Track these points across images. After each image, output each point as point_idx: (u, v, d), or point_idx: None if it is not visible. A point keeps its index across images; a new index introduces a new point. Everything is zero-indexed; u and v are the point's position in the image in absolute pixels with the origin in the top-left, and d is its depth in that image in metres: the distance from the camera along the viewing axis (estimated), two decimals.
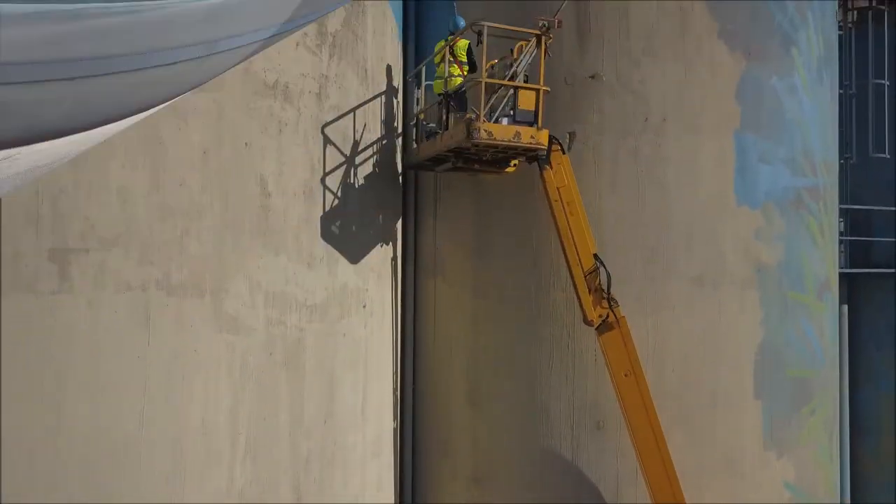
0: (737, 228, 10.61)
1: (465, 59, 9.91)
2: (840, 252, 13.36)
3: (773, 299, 10.79)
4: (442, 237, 11.51)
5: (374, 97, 10.12)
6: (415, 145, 10.94)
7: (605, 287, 9.72)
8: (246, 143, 8.26)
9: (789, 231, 10.99)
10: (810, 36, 11.36)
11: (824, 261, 11.63)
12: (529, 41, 8.65)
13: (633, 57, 10.46)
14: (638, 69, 10.46)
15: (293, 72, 8.70)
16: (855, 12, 14.31)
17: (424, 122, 10.23)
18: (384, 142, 10.46)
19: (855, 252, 14.24)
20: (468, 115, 8.79)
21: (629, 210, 10.47)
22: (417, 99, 10.60)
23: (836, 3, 12.38)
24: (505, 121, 8.57)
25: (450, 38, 10.00)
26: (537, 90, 8.57)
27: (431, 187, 11.40)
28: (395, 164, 10.93)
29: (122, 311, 7.51)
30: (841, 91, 13.42)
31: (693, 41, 10.51)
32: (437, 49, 10.17)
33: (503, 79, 9.62)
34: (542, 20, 8.65)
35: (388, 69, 10.64)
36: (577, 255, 9.73)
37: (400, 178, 11.14)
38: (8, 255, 7.22)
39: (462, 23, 10.05)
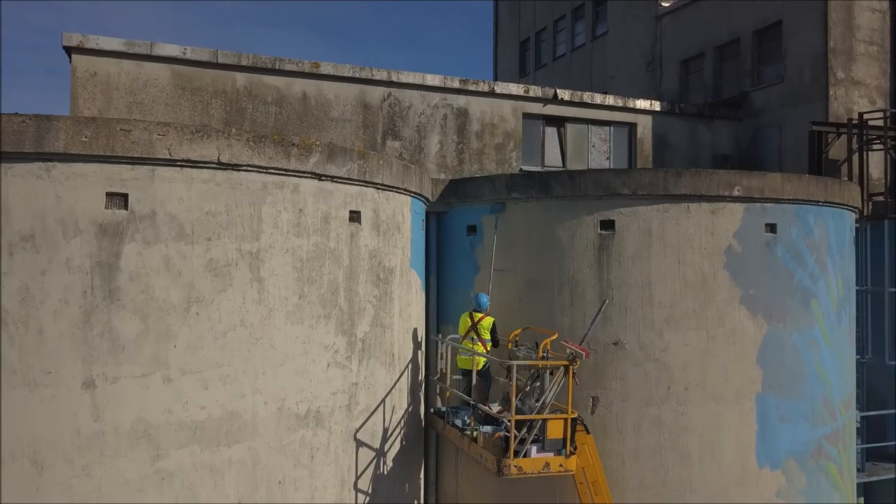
0: (758, 491, 10.70)
1: (488, 336, 10.08)
2: (857, 453, 13.48)
3: None
4: (463, 480, 11.59)
5: (401, 375, 10.22)
6: (438, 399, 11.06)
7: None
8: (279, 482, 8.36)
9: (810, 484, 11.08)
10: (830, 282, 11.44)
11: (844, 500, 11.72)
12: (557, 371, 8.72)
13: (655, 326, 10.56)
14: (661, 338, 10.56)
15: (324, 394, 8.80)
16: (870, 205, 14.33)
17: (450, 407, 10.33)
18: (410, 409, 10.55)
19: (871, 451, 14.33)
20: (497, 435, 8.88)
21: (652, 478, 10.55)
22: (441, 354, 10.71)
23: (853, 234, 12.39)
24: (534, 449, 8.65)
25: (475, 315, 10.15)
26: (565, 419, 8.65)
27: None
28: (419, 415, 11.01)
29: None
30: (858, 288, 13.50)
31: (715, 309, 10.59)
32: (461, 323, 10.30)
33: (527, 372, 9.77)
34: (570, 348, 8.72)
35: (415, 332, 10.74)
36: None
37: (423, 422, 11.23)
38: None
39: (485, 301, 10.19)
